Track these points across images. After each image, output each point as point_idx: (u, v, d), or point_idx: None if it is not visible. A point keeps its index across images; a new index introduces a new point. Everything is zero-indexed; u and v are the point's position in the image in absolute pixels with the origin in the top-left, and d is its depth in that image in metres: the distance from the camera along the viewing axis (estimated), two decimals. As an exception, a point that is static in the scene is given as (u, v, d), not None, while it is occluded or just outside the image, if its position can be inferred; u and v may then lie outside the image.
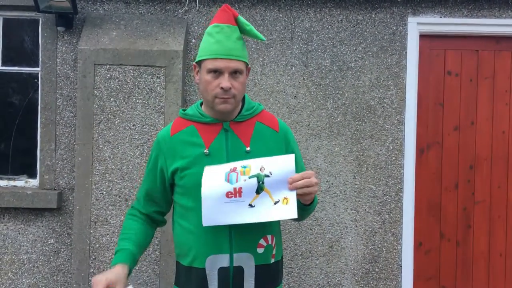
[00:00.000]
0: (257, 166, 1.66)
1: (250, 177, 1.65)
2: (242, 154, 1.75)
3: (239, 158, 1.74)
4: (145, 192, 1.89)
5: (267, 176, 1.65)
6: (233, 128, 1.79)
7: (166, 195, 1.87)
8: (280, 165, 1.67)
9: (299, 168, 1.80)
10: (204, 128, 1.79)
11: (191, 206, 1.73)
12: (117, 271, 1.70)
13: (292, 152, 1.85)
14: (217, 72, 1.71)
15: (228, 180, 1.66)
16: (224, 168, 1.69)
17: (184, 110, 1.87)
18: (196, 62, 1.79)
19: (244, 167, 1.67)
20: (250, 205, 1.64)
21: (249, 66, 1.85)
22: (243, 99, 1.87)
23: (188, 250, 1.76)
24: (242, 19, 1.76)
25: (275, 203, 1.64)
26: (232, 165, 1.69)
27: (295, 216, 1.66)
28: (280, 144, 1.83)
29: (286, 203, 1.64)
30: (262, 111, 1.88)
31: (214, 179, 1.67)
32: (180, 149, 1.77)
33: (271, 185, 1.65)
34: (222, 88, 1.70)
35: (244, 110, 1.83)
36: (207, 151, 1.74)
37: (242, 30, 1.77)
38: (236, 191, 1.64)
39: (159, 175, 1.83)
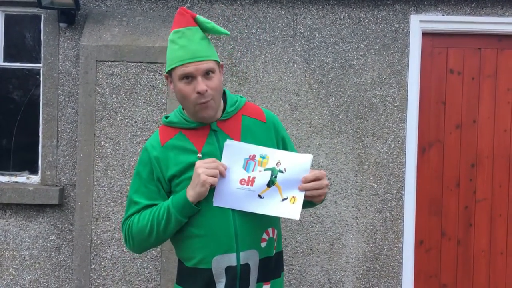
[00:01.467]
0: (274, 159, 1.70)
1: (265, 170, 1.69)
2: None
3: None
4: (146, 203, 1.76)
5: (281, 171, 1.68)
6: (221, 127, 1.76)
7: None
8: (296, 163, 1.70)
9: (289, 149, 1.84)
10: (193, 133, 1.75)
11: None
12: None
13: (282, 137, 1.86)
14: (189, 78, 1.67)
15: (245, 167, 1.69)
16: (244, 152, 1.70)
17: (166, 118, 1.82)
18: (167, 73, 1.74)
19: (263, 157, 1.70)
20: (259, 196, 1.68)
21: (222, 63, 1.80)
22: (224, 95, 1.84)
23: (193, 253, 1.73)
24: (201, 18, 1.71)
25: (283, 199, 1.68)
26: (252, 150, 1.70)
27: (297, 218, 1.69)
28: (270, 134, 1.82)
29: (293, 202, 1.68)
30: (246, 104, 1.85)
31: (233, 161, 1.69)
32: (173, 157, 1.73)
33: (282, 181, 1.68)
34: (198, 92, 1.66)
35: (228, 106, 1.79)
36: (200, 155, 1.72)
37: (204, 29, 1.72)
38: (249, 179, 1.69)
39: (159, 184, 1.77)
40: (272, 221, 1.79)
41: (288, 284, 3.49)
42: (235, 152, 1.70)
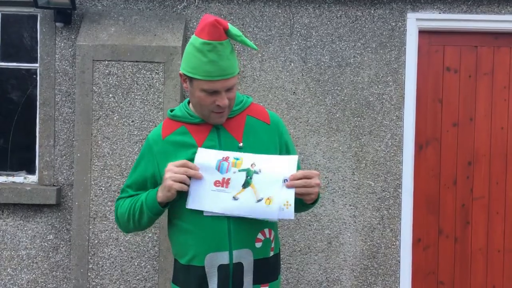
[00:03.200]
0: (249, 161, 1.68)
1: (239, 170, 1.67)
2: (235, 150, 1.75)
3: None
4: (132, 193, 1.85)
5: (256, 172, 1.67)
6: (224, 125, 1.78)
7: None
8: (274, 164, 1.68)
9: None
10: (195, 128, 1.77)
11: None
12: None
13: (285, 143, 1.86)
14: (212, 91, 1.68)
15: (218, 168, 1.68)
16: (217, 155, 1.70)
17: (171, 111, 1.84)
18: (184, 73, 1.72)
19: (237, 159, 1.69)
20: (234, 198, 1.66)
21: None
22: None
23: (187, 249, 1.75)
24: (232, 30, 1.67)
25: (258, 200, 1.65)
26: (225, 154, 1.70)
27: (275, 219, 1.67)
28: (273, 137, 1.82)
29: (269, 203, 1.65)
30: (251, 104, 1.87)
31: (205, 164, 1.68)
32: (173, 151, 1.76)
33: (258, 182, 1.66)
34: (218, 106, 1.69)
35: (233, 105, 1.81)
36: None
37: (234, 40, 1.71)
38: (224, 181, 1.67)
39: (150, 181, 1.81)
40: (269, 222, 1.79)
41: (286, 283, 3.50)
42: (207, 156, 1.69)
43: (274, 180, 1.66)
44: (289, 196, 1.65)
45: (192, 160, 1.72)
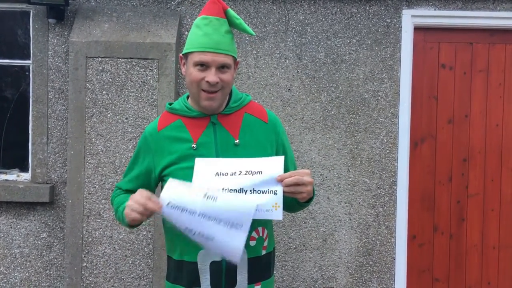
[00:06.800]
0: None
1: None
2: (231, 147, 1.73)
3: (228, 151, 1.73)
4: (126, 188, 1.87)
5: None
6: (221, 121, 1.76)
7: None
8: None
9: (288, 159, 1.80)
10: (192, 122, 1.76)
11: None
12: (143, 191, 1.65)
13: (282, 143, 1.84)
14: (203, 66, 1.68)
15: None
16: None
17: (170, 104, 1.84)
18: (183, 54, 1.75)
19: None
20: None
21: (238, 60, 1.82)
22: (230, 90, 1.85)
23: (178, 243, 1.75)
24: (232, 12, 1.72)
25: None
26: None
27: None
28: (270, 135, 1.80)
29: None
30: (250, 102, 1.86)
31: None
32: (167, 145, 1.75)
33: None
34: (208, 82, 1.67)
35: (231, 102, 1.80)
36: (194, 146, 1.72)
37: (232, 24, 1.73)
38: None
39: (144, 175, 1.80)
40: (262, 221, 1.77)
41: (281, 280, 3.49)
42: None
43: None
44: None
45: (186, 152, 1.71)
